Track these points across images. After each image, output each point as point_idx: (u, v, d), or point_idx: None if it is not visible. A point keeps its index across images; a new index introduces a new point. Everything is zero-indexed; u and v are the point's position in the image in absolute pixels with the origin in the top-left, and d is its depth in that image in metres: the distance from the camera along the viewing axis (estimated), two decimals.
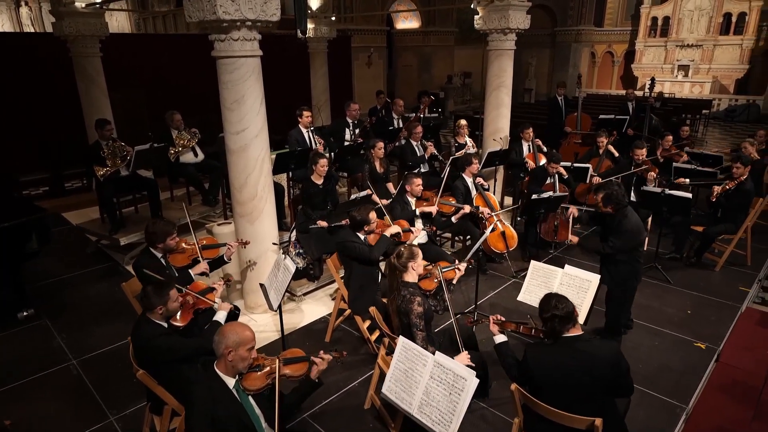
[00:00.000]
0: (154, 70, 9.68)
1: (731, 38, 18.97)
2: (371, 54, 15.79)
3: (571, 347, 2.62)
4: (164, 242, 3.76)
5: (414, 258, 3.33)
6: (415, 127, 6.69)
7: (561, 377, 2.60)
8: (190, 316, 3.28)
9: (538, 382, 2.65)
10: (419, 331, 3.12)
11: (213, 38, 4.16)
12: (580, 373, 2.57)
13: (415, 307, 3.17)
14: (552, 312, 2.62)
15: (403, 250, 3.36)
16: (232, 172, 4.55)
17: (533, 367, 2.66)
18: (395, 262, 3.34)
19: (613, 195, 4.04)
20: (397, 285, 3.33)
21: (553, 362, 2.63)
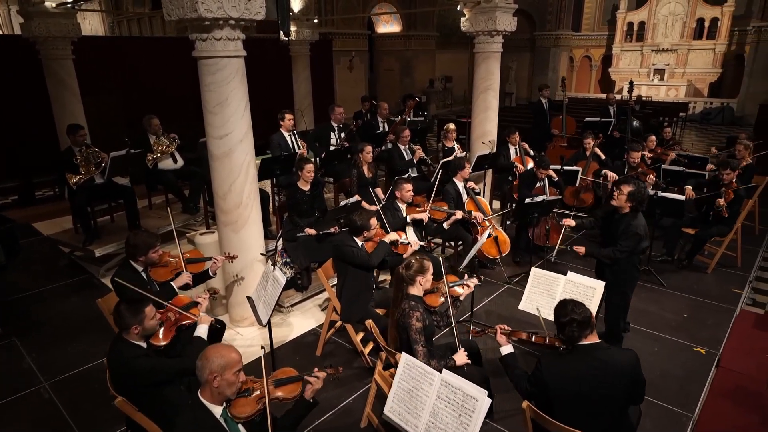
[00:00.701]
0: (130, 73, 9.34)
1: (704, 43, 19.40)
2: (353, 58, 15.64)
3: (588, 356, 2.48)
4: (146, 255, 3.51)
5: (423, 272, 3.15)
6: (402, 130, 6.54)
7: (577, 388, 2.45)
8: (173, 334, 3.04)
9: (552, 395, 2.50)
10: (420, 347, 2.95)
11: (194, 38, 3.94)
12: (598, 384, 2.43)
13: (413, 323, 2.99)
14: (570, 316, 2.48)
15: (413, 261, 3.17)
16: (216, 178, 4.31)
17: (548, 379, 2.51)
18: (403, 272, 3.16)
19: (638, 193, 3.91)
20: (401, 297, 3.16)
21: (569, 373, 2.49)
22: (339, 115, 6.68)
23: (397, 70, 18.61)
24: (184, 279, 3.66)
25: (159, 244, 3.60)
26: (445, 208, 5.19)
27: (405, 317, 3.03)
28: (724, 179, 5.49)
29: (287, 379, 2.59)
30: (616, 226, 4.09)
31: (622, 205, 4.00)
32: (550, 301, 3.47)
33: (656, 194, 5.24)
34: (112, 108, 9.00)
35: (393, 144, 6.69)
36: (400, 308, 3.10)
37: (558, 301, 2.60)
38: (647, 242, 4.11)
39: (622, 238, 3.95)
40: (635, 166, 6.15)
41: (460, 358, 2.99)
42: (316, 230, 5.00)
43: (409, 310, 3.04)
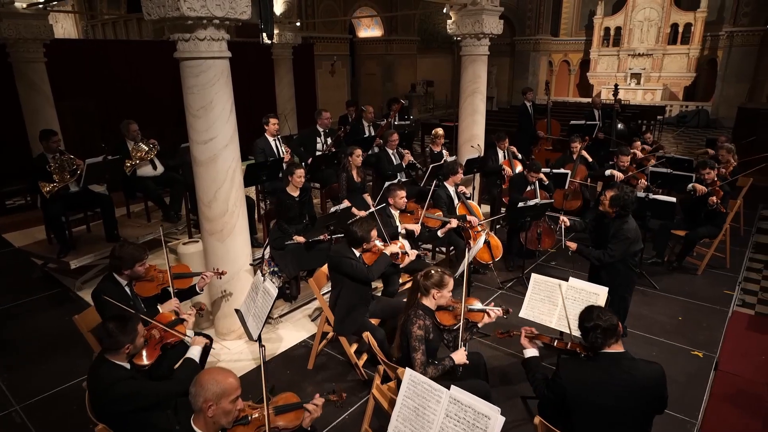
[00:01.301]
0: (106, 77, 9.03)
1: (679, 48, 19.83)
2: (334, 62, 15.51)
3: (612, 365, 2.38)
4: (132, 269, 3.29)
5: (441, 286, 3.01)
6: (390, 134, 6.42)
7: (599, 398, 2.34)
8: (157, 353, 2.84)
9: (570, 402, 2.39)
10: (419, 355, 2.85)
11: (175, 38, 3.75)
12: (622, 395, 2.32)
13: (414, 330, 2.89)
14: (595, 322, 2.38)
15: (434, 272, 3.06)
16: (200, 185, 4.11)
17: (567, 385, 2.40)
18: (420, 281, 3.06)
19: (621, 198, 3.90)
20: (412, 304, 3.07)
21: (590, 380, 2.38)
22: (326, 120, 6.52)
23: (379, 75, 18.55)
24: (172, 304, 3.43)
25: (147, 258, 3.39)
26: (439, 216, 5.06)
27: (408, 323, 2.94)
28: (706, 178, 5.53)
29: (288, 407, 2.43)
30: (606, 230, 4.06)
31: (607, 210, 4.00)
32: (552, 308, 3.37)
33: (647, 197, 5.22)
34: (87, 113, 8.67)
35: (381, 148, 6.57)
36: (407, 314, 2.99)
37: (585, 307, 2.51)
38: (640, 245, 4.07)
39: (612, 241, 3.92)
40: (625, 170, 6.14)
41: (459, 357, 2.92)
42: (305, 237, 4.84)
43: (413, 317, 2.94)
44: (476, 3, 6.56)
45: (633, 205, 3.98)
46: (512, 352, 4.27)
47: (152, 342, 2.84)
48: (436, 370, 2.86)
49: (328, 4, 14.89)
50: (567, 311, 3.08)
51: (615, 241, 3.86)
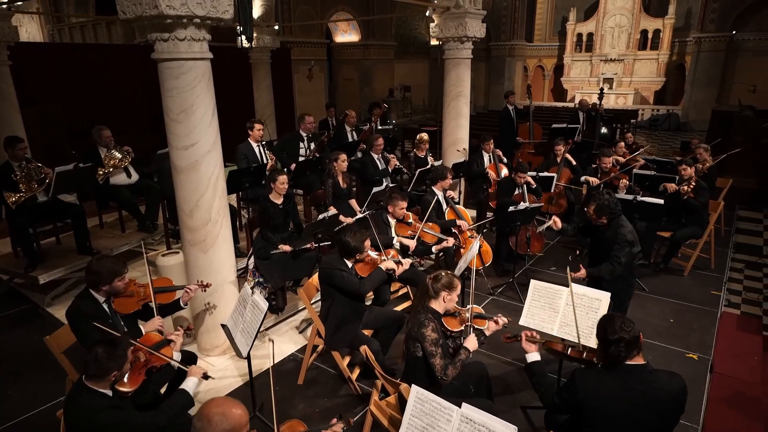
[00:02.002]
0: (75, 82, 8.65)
1: (648, 53, 20.36)
2: (312, 67, 15.32)
3: (633, 377, 2.28)
4: (110, 284, 3.06)
5: (450, 289, 2.93)
6: (375, 139, 6.29)
7: (618, 411, 2.24)
8: (142, 378, 2.61)
9: (588, 414, 2.29)
10: (438, 359, 2.74)
11: (153, 38, 3.54)
12: (643, 409, 2.22)
13: (429, 333, 2.78)
14: (619, 334, 2.27)
15: (443, 275, 2.97)
16: (181, 193, 3.89)
17: (583, 395, 2.29)
18: (429, 284, 2.94)
19: (604, 204, 3.84)
20: (420, 308, 2.94)
21: (609, 393, 2.28)
22: (309, 125, 6.35)
23: (357, 80, 18.43)
24: (155, 323, 3.20)
25: (126, 272, 3.15)
26: (437, 232, 4.92)
27: (420, 327, 2.81)
28: (683, 175, 5.60)
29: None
30: (604, 240, 3.98)
31: (601, 222, 3.94)
32: (553, 315, 3.28)
33: (635, 199, 5.21)
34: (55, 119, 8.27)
35: (365, 153, 6.43)
36: (416, 318, 2.86)
37: (605, 314, 2.40)
38: (638, 246, 4.01)
39: (615, 249, 3.83)
40: (607, 171, 6.15)
41: (473, 343, 2.87)
42: (291, 246, 4.66)
43: (425, 320, 2.83)
44: (459, 6, 6.52)
45: (617, 205, 3.93)
46: (509, 360, 4.17)
47: (137, 366, 2.61)
48: (455, 369, 2.77)
49: (305, 9, 14.71)
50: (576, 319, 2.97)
51: (617, 247, 3.78)
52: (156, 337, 2.97)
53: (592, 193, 4.71)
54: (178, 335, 3.04)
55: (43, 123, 7.87)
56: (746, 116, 9.27)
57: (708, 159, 6.45)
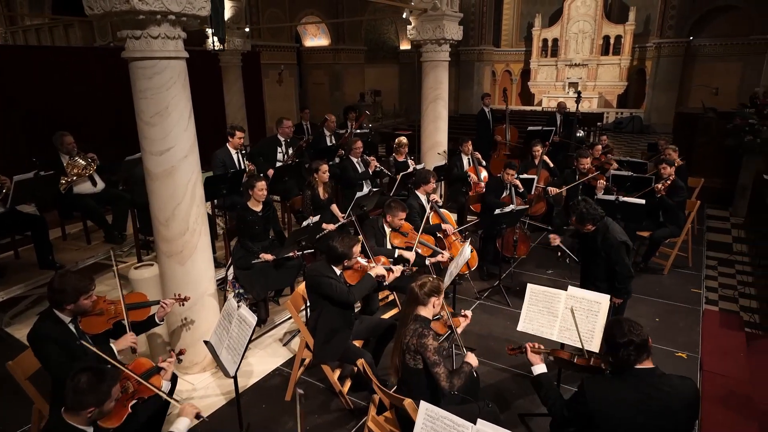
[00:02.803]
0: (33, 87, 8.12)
1: (611, 58, 20.97)
2: (282, 71, 15.04)
3: (643, 382, 2.20)
4: (76, 302, 2.79)
5: (438, 293, 2.82)
6: (354, 142, 6.14)
7: (631, 418, 2.16)
8: (127, 412, 2.35)
9: (599, 423, 2.20)
10: (441, 369, 2.61)
11: (124, 35, 3.30)
12: (657, 414, 2.15)
13: (429, 342, 2.64)
14: (629, 337, 2.20)
15: (427, 280, 2.84)
16: (156, 202, 3.65)
17: (593, 405, 2.20)
18: (417, 291, 2.80)
19: (584, 213, 3.78)
20: (410, 318, 2.80)
21: (620, 399, 2.19)
22: (287, 129, 6.14)
23: (327, 84, 18.25)
24: (127, 341, 2.95)
25: (93, 288, 2.89)
26: (432, 245, 4.80)
27: (420, 337, 2.67)
28: (662, 173, 5.69)
29: None
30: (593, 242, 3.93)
31: (587, 229, 3.88)
32: (552, 320, 3.20)
33: (617, 200, 5.24)
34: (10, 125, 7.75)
35: (342, 158, 6.27)
36: (409, 329, 2.72)
37: (613, 317, 2.32)
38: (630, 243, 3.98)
39: (612, 258, 3.76)
40: (585, 172, 6.19)
41: (473, 359, 2.79)
42: (272, 255, 4.45)
43: (422, 330, 2.69)
44: (437, 8, 6.47)
45: (597, 210, 3.87)
46: (503, 366, 4.08)
47: (123, 398, 2.36)
48: (461, 379, 2.64)
49: (274, 12, 14.45)
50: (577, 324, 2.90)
51: (614, 253, 3.72)
52: (146, 364, 2.72)
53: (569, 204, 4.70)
54: (170, 363, 2.80)
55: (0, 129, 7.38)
56: (709, 118, 9.57)
57: (677, 159, 6.59)
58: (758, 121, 8.11)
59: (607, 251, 3.81)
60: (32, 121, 7.74)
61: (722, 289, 6.05)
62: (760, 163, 8.25)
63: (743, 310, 5.56)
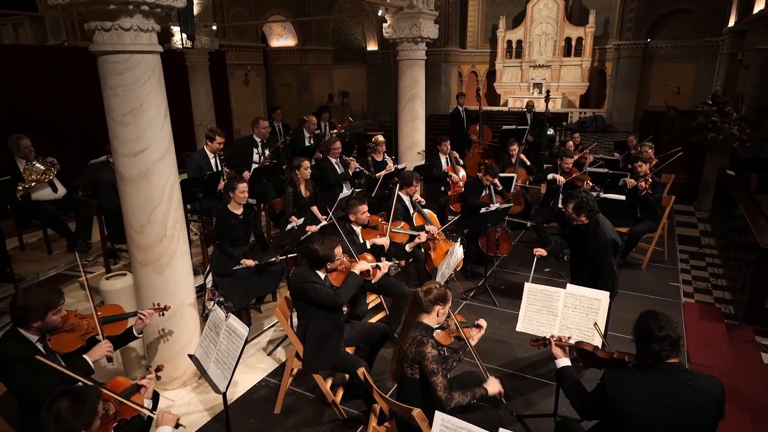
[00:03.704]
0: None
1: (573, 59, 21.49)
2: (248, 71, 14.67)
3: (668, 376, 2.15)
4: (43, 319, 2.53)
5: (444, 302, 2.69)
6: (333, 143, 5.98)
7: (654, 413, 2.11)
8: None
9: (620, 418, 2.15)
10: (439, 378, 2.48)
11: (92, 27, 3.06)
12: (681, 410, 2.10)
13: (428, 350, 2.52)
14: (667, 332, 2.14)
15: (433, 287, 2.70)
16: (129, 207, 3.39)
17: (615, 399, 2.16)
18: (422, 297, 2.67)
19: (584, 202, 3.78)
20: (412, 324, 2.67)
21: (644, 393, 2.14)
22: (264, 130, 5.91)
23: (294, 85, 17.95)
24: (102, 350, 2.71)
25: (63, 302, 2.64)
26: (406, 230, 4.69)
27: (417, 345, 2.55)
28: (639, 171, 5.79)
29: None
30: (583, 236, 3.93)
31: (580, 220, 3.89)
32: (552, 319, 3.15)
33: (598, 196, 5.29)
34: None
35: (319, 160, 6.10)
36: (409, 336, 2.60)
37: (646, 310, 2.27)
38: (619, 239, 3.99)
39: (599, 257, 3.75)
40: (568, 171, 6.24)
41: (494, 386, 2.62)
42: (254, 260, 4.25)
43: (421, 338, 2.56)
44: (413, 6, 6.39)
45: (595, 202, 3.91)
46: (495, 367, 4.02)
47: (105, 420, 2.15)
48: (465, 396, 2.52)
49: (239, 11, 14.08)
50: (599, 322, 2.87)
51: (601, 252, 3.71)
52: (125, 382, 2.50)
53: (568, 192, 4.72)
54: (150, 379, 2.58)
55: None
56: (673, 116, 9.89)
57: (652, 156, 6.74)
58: (720, 119, 8.40)
59: (595, 248, 3.80)
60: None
61: (696, 281, 6.19)
62: (723, 159, 8.57)
63: (718, 301, 5.70)
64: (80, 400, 1.85)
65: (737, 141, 8.17)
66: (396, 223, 4.69)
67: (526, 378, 3.92)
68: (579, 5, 21.55)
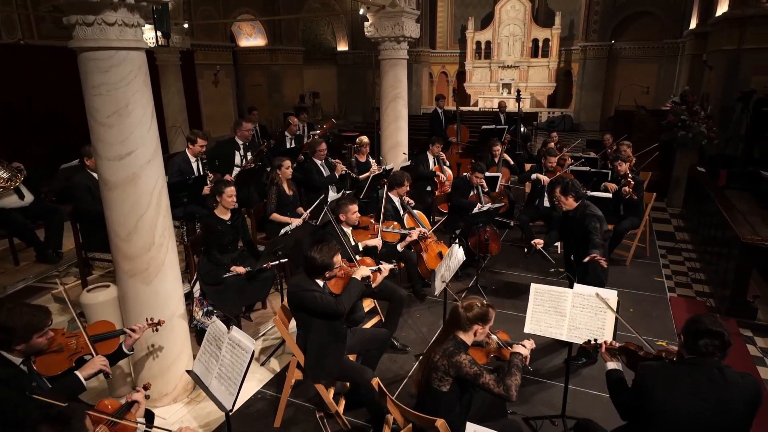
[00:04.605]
0: None
1: (540, 60, 21.91)
2: (217, 72, 14.28)
3: (705, 373, 2.14)
4: (28, 341, 2.31)
5: (484, 322, 2.57)
6: (318, 144, 5.83)
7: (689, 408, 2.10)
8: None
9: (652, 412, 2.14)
10: (486, 377, 2.42)
11: (73, 21, 2.84)
12: (712, 407, 2.09)
13: (462, 358, 2.45)
14: (722, 330, 2.14)
15: (475, 304, 2.58)
16: (114, 215, 3.18)
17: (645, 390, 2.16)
18: (462, 314, 2.56)
19: (569, 184, 4.01)
20: (448, 338, 2.57)
21: (679, 387, 2.13)
22: (247, 132, 5.69)
23: (265, 86, 17.60)
24: (97, 365, 2.51)
25: (50, 323, 2.42)
26: (398, 229, 4.60)
27: (449, 356, 2.46)
28: (620, 171, 5.90)
29: None
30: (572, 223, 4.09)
31: (569, 204, 4.07)
32: (560, 319, 3.11)
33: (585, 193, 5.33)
34: None
35: (308, 159, 5.94)
36: (441, 348, 2.51)
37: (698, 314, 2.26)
38: (606, 225, 4.08)
39: (588, 226, 3.91)
40: (552, 170, 6.29)
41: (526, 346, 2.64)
42: (244, 267, 4.08)
43: (453, 349, 2.48)
44: (395, 5, 6.30)
45: (579, 186, 4.13)
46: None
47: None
48: (514, 376, 2.45)
49: (206, 9, 13.68)
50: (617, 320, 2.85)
51: (589, 222, 3.88)
52: (112, 403, 2.30)
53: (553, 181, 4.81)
54: (141, 393, 2.40)
55: None
56: (644, 115, 10.17)
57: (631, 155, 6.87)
58: (689, 118, 8.67)
59: (585, 224, 3.95)
60: None
61: (676, 276, 6.34)
62: (692, 156, 8.85)
63: (698, 295, 5.85)
64: (63, 423, 1.70)
65: (705, 139, 8.45)
66: (387, 222, 4.59)
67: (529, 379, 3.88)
68: (545, 7, 21.98)
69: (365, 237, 4.43)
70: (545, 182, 6.26)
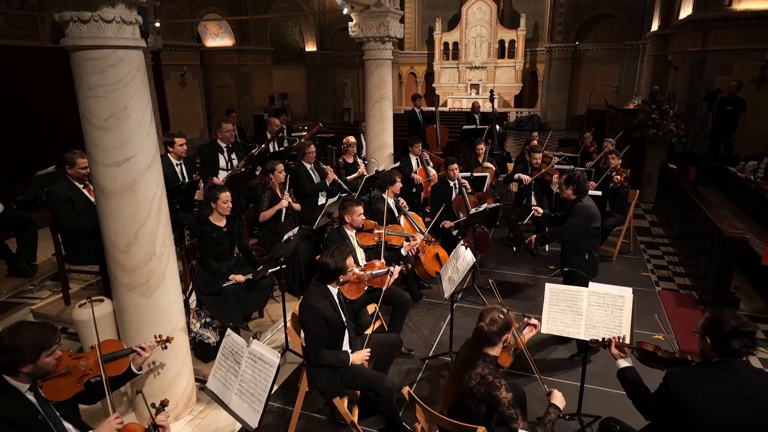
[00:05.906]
0: None
1: (507, 61, 22.30)
2: (184, 73, 13.82)
3: (736, 375, 2.14)
4: (35, 362, 2.12)
5: (509, 329, 2.49)
6: (307, 146, 5.68)
7: (723, 413, 2.09)
8: None
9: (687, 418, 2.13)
10: (519, 423, 2.33)
11: (66, 18, 2.64)
12: (754, 411, 2.09)
13: (503, 395, 2.36)
14: (752, 328, 2.14)
15: (497, 316, 2.46)
16: (112, 224, 2.98)
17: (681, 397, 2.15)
18: (485, 329, 2.44)
19: (574, 176, 4.06)
20: (476, 357, 2.47)
21: (712, 390, 2.13)
22: (228, 134, 5.47)
23: (234, 87, 17.19)
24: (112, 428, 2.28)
25: (58, 341, 2.23)
26: (402, 232, 4.52)
27: (488, 387, 2.37)
28: (611, 164, 6.05)
29: None
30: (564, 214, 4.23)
31: (567, 195, 4.16)
32: (576, 318, 3.13)
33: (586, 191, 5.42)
34: None
35: (296, 163, 5.79)
36: (476, 373, 2.42)
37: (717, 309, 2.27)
38: (597, 222, 4.15)
39: (567, 219, 4.07)
40: (537, 167, 6.36)
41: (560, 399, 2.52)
42: (243, 275, 3.92)
43: (493, 379, 2.38)
44: (380, 5, 6.24)
45: (585, 181, 4.16)
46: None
47: None
48: (546, 428, 2.37)
49: (172, 8, 13.21)
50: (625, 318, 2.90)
51: (569, 216, 4.02)
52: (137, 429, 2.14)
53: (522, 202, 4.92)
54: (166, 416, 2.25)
55: None
56: (615, 114, 10.48)
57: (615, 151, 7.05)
58: (659, 116, 8.98)
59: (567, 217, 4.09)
60: None
61: (657, 270, 6.54)
62: (663, 153, 9.17)
63: (681, 288, 6.05)
64: None
65: (675, 137, 8.78)
66: (392, 226, 4.52)
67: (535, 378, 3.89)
68: (510, 9, 22.39)
69: (369, 240, 4.34)
70: (527, 181, 6.33)
